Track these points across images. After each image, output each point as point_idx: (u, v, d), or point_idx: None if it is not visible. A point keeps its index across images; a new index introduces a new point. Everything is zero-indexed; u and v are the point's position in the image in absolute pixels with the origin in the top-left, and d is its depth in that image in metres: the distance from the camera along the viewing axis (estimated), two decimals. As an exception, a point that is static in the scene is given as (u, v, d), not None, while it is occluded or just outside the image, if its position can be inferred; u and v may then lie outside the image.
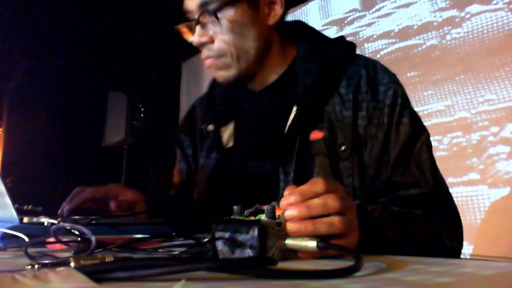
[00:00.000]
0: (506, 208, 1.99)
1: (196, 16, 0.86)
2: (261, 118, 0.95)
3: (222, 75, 0.90)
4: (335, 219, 0.52)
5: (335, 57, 0.90)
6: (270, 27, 0.91)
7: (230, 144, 0.96)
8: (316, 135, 0.85)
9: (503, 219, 1.99)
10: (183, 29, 0.91)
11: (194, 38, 0.87)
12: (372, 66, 0.90)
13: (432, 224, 0.77)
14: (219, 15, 0.85)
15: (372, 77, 0.88)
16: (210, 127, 0.99)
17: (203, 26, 0.87)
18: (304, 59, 0.91)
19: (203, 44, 0.88)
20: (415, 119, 0.86)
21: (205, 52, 0.89)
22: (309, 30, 0.98)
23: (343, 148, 0.83)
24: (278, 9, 0.90)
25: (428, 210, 0.77)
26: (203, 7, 0.86)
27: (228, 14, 0.85)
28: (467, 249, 2.15)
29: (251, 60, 0.89)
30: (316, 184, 0.53)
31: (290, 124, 0.85)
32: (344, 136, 0.84)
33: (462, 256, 1.98)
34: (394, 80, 0.89)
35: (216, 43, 0.87)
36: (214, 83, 1.05)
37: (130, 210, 0.93)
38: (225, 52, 0.87)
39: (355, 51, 0.95)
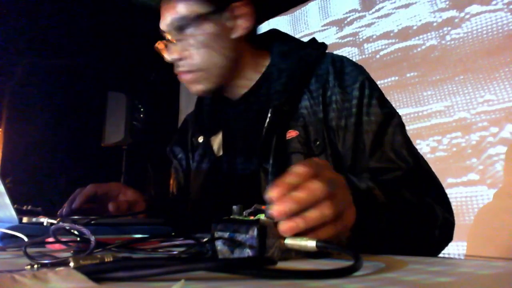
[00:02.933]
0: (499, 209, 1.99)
1: (166, 35, 0.92)
2: (243, 125, 0.99)
3: (196, 88, 0.95)
4: (324, 207, 0.50)
5: (304, 58, 0.94)
6: (237, 39, 0.93)
7: (220, 153, 1.00)
8: (291, 134, 0.89)
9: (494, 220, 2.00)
10: (160, 47, 0.95)
11: (166, 55, 0.93)
12: (339, 61, 0.94)
13: (421, 195, 0.77)
14: (186, 32, 0.90)
15: (339, 71, 0.92)
16: (200, 138, 1.05)
17: (174, 44, 0.91)
18: (277, 63, 0.95)
19: (174, 61, 0.92)
20: (385, 104, 0.89)
21: (177, 68, 0.94)
22: (282, 37, 1.02)
23: (317, 143, 0.87)
24: (242, 23, 0.93)
25: (410, 186, 0.78)
26: (171, 26, 0.90)
27: (194, 31, 0.90)
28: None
29: (220, 73, 0.94)
30: (297, 173, 0.51)
31: (267, 126, 0.89)
32: (317, 132, 0.88)
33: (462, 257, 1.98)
34: (360, 72, 0.92)
35: (190, 60, 0.91)
36: (200, 98, 1.10)
37: (130, 210, 0.94)
38: (194, 67, 0.92)
39: (324, 50, 0.98)
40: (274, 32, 1.04)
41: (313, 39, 1.01)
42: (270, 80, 0.94)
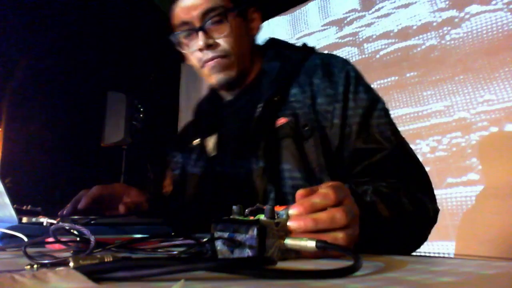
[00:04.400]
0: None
1: (197, 24, 0.96)
2: (237, 121, 1.03)
3: (223, 76, 0.99)
4: (339, 236, 0.52)
5: (294, 55, 1.02)
6: (253, 37, 1.04)
7: (214, 152, 1.04)
8: (281, 121, 0.93)
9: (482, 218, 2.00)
10: (182, 39, 1.00)
11: (200, 42, 0.95)
12: (327, 57, 1.01)
13: (413, 192, 0.80)
14: (222, 21, 0.96)
15: (326, 64, 0.98)
16: (196, 141, 1.09)
17: (206, 32, 0.96)
18: (268, 63, 1.02)
19: (210, 47, 0.96)
20: (370, 90, 0.94)
21: (209, 54, 0.97)
22: (275, 42, 1.10)
23: (306, 128, 0.91)
24: (257, 23, 1.05)
25: (397, 171, 0.82)
26: (207, 14, 0.95)
27: (231, 20, 0.97)
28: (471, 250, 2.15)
29: (246, 63, 1.02)
30: (327, 196, 0.53)
31: (257, 115, 0.94)
32: (306, 118, 0.92)
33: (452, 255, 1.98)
34: (346, 63, 0.98)
35: (221, 45, 0.97)
36: (198, 105, 1.18)
37: (135, 211, 0.95)
38: (230, 52, 0.98)
39: (313, 51, 1.05)
40: (271, 39, 1.11)
41: (304, 44, 1.08)
42: (262, 78, 1.00)
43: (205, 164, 1.04)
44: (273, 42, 1.10)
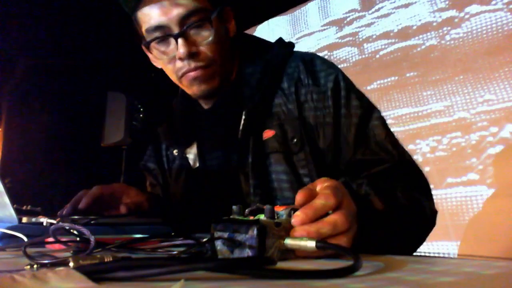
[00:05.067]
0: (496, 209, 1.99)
1: (176, 30, 0.85)
2: (218, 132, 0.97)
3: (205, 87, 0.90)
4: (342, 240, 0.53)
5: (274, 57, 0.94)
6: (231, 39, 0.94)
7: (197, 164, 0.99)
8: (268, 134, 0.88)
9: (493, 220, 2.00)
10: (155, 45, 0.89)
11: (181, 50, 0.84)
12: (309, 58, 0.94)
13: (410, 190, 0.78)
14: (202, 26, 0.86)
15: (310, 68, 0.91)
16: (175, 152, 1.03)
17: (187, 38, 0.85)
18: (246, 67, 0.94)
19: (192, 55, 0.85)
20: (363, 98, 0.89)
21: (191, 64, 0.86)
22: (249, 40, 1.01)
23: (294, 141, 0.86)
24: (233, 24, 0.94)
25: (396, 180, 0.78)
26: (188, 18, 0.84)
27: (214, 25, 0.86)
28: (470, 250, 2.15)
29: (228, 70, 0.93)
30: (328, 200, 0.52)
31: (242, 128, 0.88)
32: (294, 130, 0.87)
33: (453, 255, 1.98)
34: (333, 67, 0.92)
35: (205, 54, 0.87)
36: (172, 110, 1.09)
37: (137, 211, 0.95)
38: (214, 61, 0.88)
39: (292, 49, 0.97)
40: (241, 37, 1.01)
41: (280, 39, 1.00)
42: (242, 85, 0.92)
43: (188, 177, 1.00)
44: (245, 39, 1.01)
